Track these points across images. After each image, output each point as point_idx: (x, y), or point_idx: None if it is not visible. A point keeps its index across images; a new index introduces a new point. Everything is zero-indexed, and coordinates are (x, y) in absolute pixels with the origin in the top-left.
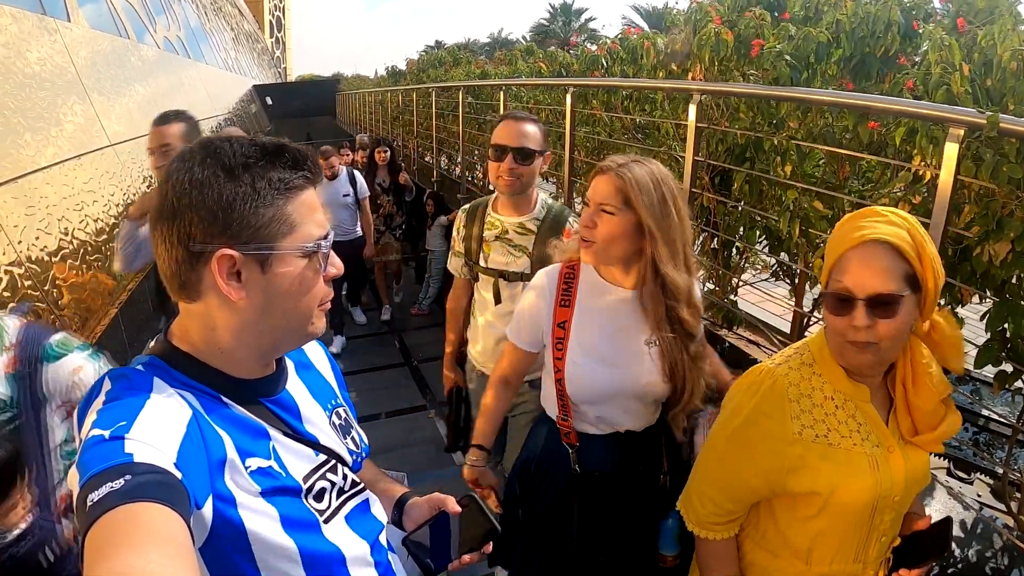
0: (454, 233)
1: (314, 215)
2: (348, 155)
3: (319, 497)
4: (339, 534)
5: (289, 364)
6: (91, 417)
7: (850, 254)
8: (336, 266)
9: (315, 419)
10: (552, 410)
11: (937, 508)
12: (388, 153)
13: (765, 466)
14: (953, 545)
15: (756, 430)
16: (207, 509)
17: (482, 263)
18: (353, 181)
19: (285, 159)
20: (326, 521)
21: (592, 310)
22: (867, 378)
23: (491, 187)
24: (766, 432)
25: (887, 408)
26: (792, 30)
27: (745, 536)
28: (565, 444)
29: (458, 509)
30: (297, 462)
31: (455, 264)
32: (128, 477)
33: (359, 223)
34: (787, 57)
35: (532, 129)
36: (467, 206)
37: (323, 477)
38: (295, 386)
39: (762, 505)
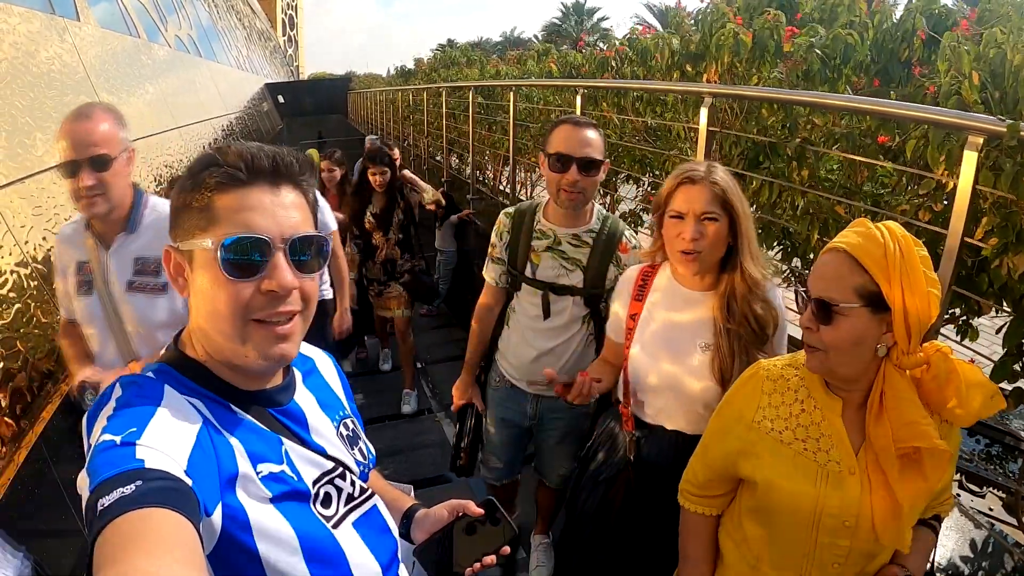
0: (494, 237)
1: (239, 215)
2: (333, 171)
3: (326, 503)
4: (346, 541)
5: (296, 374)
6: (101, 423)
7: (819, 258)
8: (277, 280)
9: (323, 430)
10: (620, 394)
11: (947, 523)
12: (387, 173)
13: (726, 446)
14: (962, 563)
15: (730, 411)
16: (216, 516)
17: (528, 273)
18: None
19: (222, 156)
20: (334, 527)
21: (659, 307)
22: (843, 392)
23: (504, 187)
24: (736, 415)
25: (863, 433)
26: (820, 30)
27: (722, 523)
28: (624, 432)
29: (479, 512)
30: (308, 468)
31: (493, 272)
32: (139, 483)
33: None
34: (818, 52)
35: (594, 136)
36: (511, 210)
37: (330, 482)
38: (303, 396)
39: (737, 493)
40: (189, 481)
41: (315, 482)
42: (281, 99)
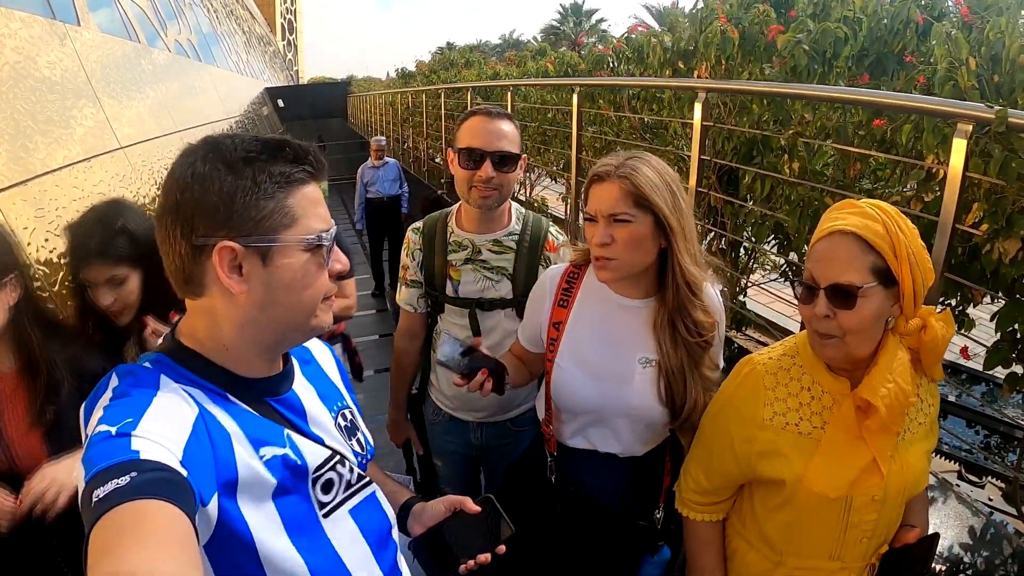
0: (405, 258)
1: (316, 209)
2: None
3: (327, 488)
4: (342, 530)
5: (295, 364)
6: (98, 413)
7: (818, 244)
8: (341, 262)
9: (321, 420)
10: (540, 412)
11: (946, 512)
12: None
13: (738, 450)
14: (962, 551)
15: (732, 414)
16: (212, 507)
17: (450, 292)
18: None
19: (286, 153)
20: (326, 515)
21: (589, 316)
22: (849, 372)
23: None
24: (740, 416)
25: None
26: (810, 24)
27: (729, 524)
28: (545, 450)
29: (476, 509)
30: (310, 452)
31: (409, 296)
32: (134, 474)
33: None
34: (805, 47)
35: (509, 128)
36: (418, 224)
37: (332, 468)
38: (301, 386)
39: (744, 493)
40: (184, 472)
41: (318, 467)
42: (281, 103)
